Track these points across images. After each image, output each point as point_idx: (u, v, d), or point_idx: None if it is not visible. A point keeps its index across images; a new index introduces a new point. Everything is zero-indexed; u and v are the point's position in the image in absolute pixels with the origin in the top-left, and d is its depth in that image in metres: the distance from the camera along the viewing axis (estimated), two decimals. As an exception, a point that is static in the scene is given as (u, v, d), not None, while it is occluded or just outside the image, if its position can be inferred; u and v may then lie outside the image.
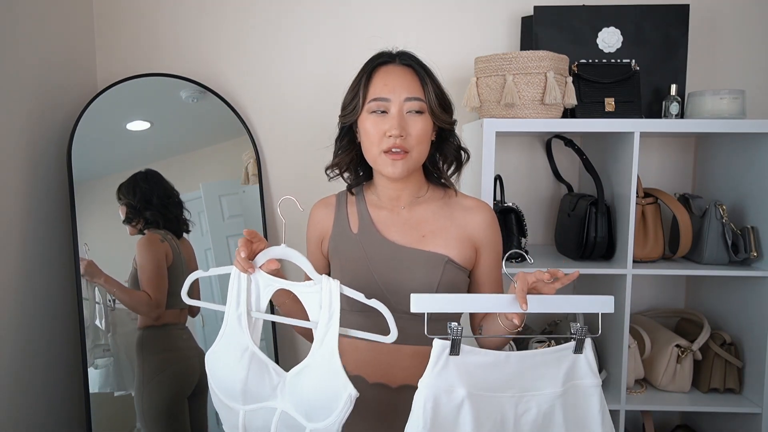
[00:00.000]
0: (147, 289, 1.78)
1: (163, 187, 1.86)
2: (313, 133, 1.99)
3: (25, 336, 1.61)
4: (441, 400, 0.91)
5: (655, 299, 2.05)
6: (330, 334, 0.98)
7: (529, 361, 0.95)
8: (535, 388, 0.95)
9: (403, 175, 1.12)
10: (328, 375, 0.96)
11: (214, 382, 1.07)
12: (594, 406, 0.96)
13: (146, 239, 1.81)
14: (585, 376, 0.97)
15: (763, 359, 1.64)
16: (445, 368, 0.91)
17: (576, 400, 0.97)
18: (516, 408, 0.95)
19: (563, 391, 0.95)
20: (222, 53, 2.01)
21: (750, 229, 1.66)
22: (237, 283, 1.05)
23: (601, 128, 1.62)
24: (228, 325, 1.05)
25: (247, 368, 1.02)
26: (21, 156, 1.61)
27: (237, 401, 1.05)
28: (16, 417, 1.57)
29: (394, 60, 1.15)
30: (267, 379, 1.03)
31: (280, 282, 1.05)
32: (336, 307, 0.98)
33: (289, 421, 1.03)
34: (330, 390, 0.96)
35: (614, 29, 1.80)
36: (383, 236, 1.16)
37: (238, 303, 1.05)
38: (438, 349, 0.91)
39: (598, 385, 0.97)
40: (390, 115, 1.10)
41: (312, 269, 1.03)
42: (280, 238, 1.05)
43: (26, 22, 1.62)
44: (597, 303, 0.97)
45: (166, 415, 1.80)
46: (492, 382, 0.94)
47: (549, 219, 2.04)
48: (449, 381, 0.91)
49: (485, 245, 1.18)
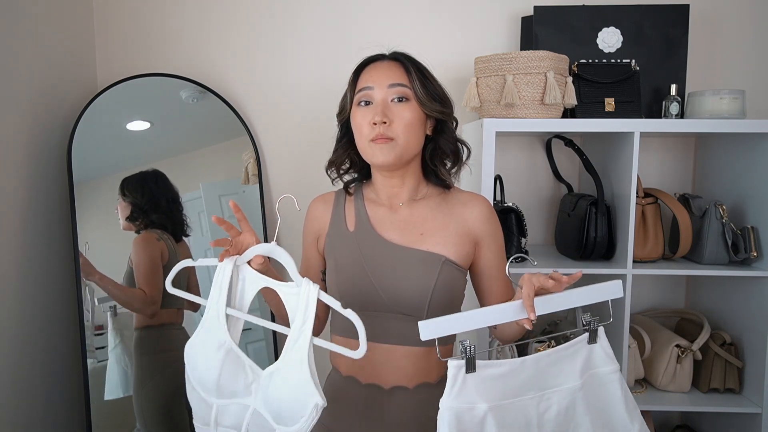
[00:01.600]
0: (142, 286, 1.77)
1: (171, 190, 1.86)
2: (313, 133, 1.99)
3: (24, 336, 1.61)
4: (464, 419, 0.91)
5: (655, 299, 2.05)
6: (302, 340, 0.97)
7: (545, 360, 0.95)
8: (555, 384, 0.95)
9: (392, 162, 1.11)
10: (296, 382, 0.96)
11: (191, 372, 1.07)
12: (615, 392, 0.97)
13: (142, 237, 1.81)
14: (602, 364, 0.97)
15: (763, 359, 1.64)
16: (464, 387, 0.91)
17: (596, 388, 0.97)
18: (538, 407, 0.95)
19: (582, 383, 0.95)
20: (222, 53, 2.01)
21: (750, 229, 1.66)
22: (221, 276, 1.05)
23: (601, 128, 1.62)
24: (208, 318, 1.05)
25: (221, 363, 1.02)
26: (21, 156, 1.61)
27: (211, 394, 1.05)
28: (16, 417, 1.57)
29: (384, 57, 1.16)
30: (241, 376, 1.03)
31: (265, 280, 1.04)
32: (311, 313, 0.97)
33: (260, 420, 1.02)
34: (298, 397, 0.95)
35: (614, 29, 1.80)
36: (380, 235, 1.16)
37: (219, 297, 1.04)
38: (454, 370, 0.91)
39: (616, 371, 0.97)
40: (374, 104, 1.11)
41: (295, 270, 1.02)
42: (274, 234, 1.05)
43: (26, 22, 1.62)
44: (605, 290, 0.97)
45: (165, 415, 1.80)
46: (511, 389, 0.94)
47: (549, 219, 2.04)
48: (469, 399, 0.91)
49: (485, 237, 1.17)
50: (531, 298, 0.93)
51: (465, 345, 0.91)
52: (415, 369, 1.13)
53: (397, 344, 1.12)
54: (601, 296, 0.98)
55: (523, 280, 0.96)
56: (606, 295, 0.97)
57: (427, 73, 1.15)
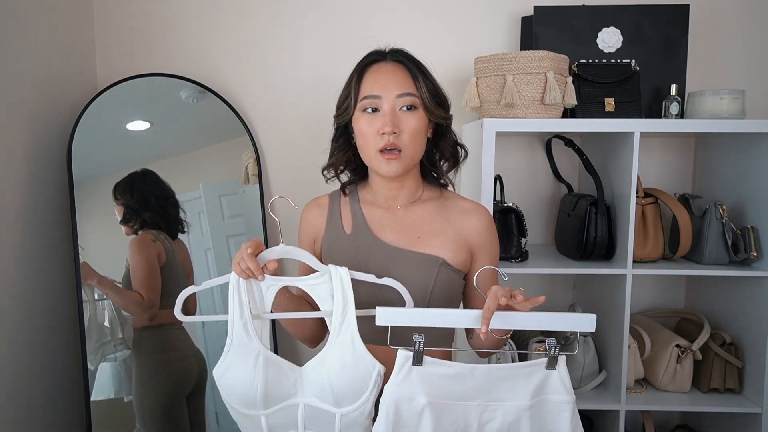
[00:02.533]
0: (140, 289, 1.77)
1: (161, 188, 1.85)
2: (313, 132, 1.99)
3: (24, 337, 1.61)
4: (402, 407, 0.95)
5: (655, 299, 2.05)
6: (347, 320, 0.99)
7: (496, 374, 0.95)
8: (502, 399, 0.96)
9: (399, 174, 1.11)
10: (353, 359, 0.98)
11: (229, 397, 1.05)
12: (564, 422, 0.97)
13: (137, 240, 1.80)
14: (556, 392, 0.96)
15: (763, 359, 1.64)
16: (408, 377, 0.95)
17: (545, 414, 0.97)
18: (480, 417, 0.97)
19: (531, 404, 0.96)
20: (222, 53, 2.01)
21: (750, 229, 1.66)
22: (237, 290, 1.02)
23: (601, 128, 1.62)
24: (234, 336, 1.02)
25: (264, 373, 1.01)
26: (21, 156, 1.61)
27: (257, 408, 1.03)
28: (16, 417, 1.57)
29: (385, 57, 1.14)
30: (284, 378, 1.03)
31: (284, 280, 1.04)
32: (349, 294, 0.99)
33: (315, 412, 1.03)
34: (358, 373, 0.98)
35: (614, 29, 1.80)
36: (377, 237, 1.15)
37: (242, 310, 1.02)
38: (401, 359, 0.95)
39: (570, 402, 0.96)
40: (382, 113, 1.09)
41: (316, 261, 1.04)
42: (278, 238, 1.05)
43: (26, 22, 1.62)
44: (578, 321, 0.95)
45: (165, 416, 1.80)
46: (456, 391, 0.96)
47: (549, 219, 2.04)
48: (411, 389, 0.95)
49: (481, 249, 1.16)
50: (491, 311, 0.92)
51: (416, 338, 0.93)
52: None
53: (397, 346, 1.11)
54: (571, 326, 0.96)
55: (489, 291, 0.95)
56: (576, 326, 0.95)
57: (431, 77, 1.14)
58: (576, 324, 0.95)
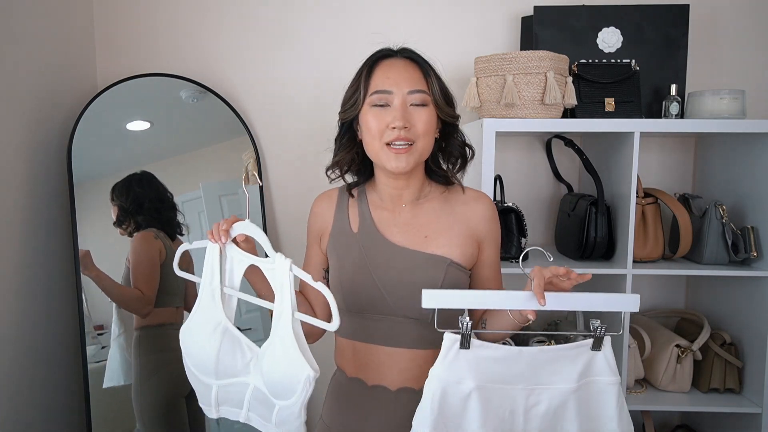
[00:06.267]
0: (140, 285, 1.77)
1: (156, 191, 1.85)
2: (314, 132, 1.99)
3: (24, 335, 1.61)
4: (449, 391, 0.93)
5: (655, 299, 2.05)
6: (284, 316, 0.98)
7: (542, 356, 0.94)
8: (548, 382, 0.95)
9: (408, 169, 1.09)
10: (285, 358, 0.97)
11: (188, 358, 1.08)
12: (610, 403, 0.96)
13: (141, 236, 1.81)
14: (602, 373, 0.96)
15: (763, 359, 1.64)
16: (455, 361, 0.93)
17: (591, 396, 0.96)
18: (527, 400, 0.95)
19: (577, 387, 0.95)
20: (222, 53, 2.01)
21: (750, 229, 1.66)
22: (211, 257, 1.06)
23: (601, 128, 1.62)
24: (202, 299, 1.06)
25: (219, 343, 1.03)
26: (21, 156, 1.61)
27: (210, 376, 1.05)
28: (17, 415, 1.57)
29: (396, 54, 1.14)
30: (239, 355, 1.03)
31: (250, 258, 1.06)
32: (287, 289, 0.98)
33: (261, 396, 1.03)
34: (288, 372, 0.96)
35: (614, 29, 1.80)
36: (384, 237, 1.14)
37: (212, 277, 1.05)
38: (448, 342, 0.93)
39: (615, 383, 0.96)
40: (392, 108, 1.08)
41: (269, 245, 1.03)
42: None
43: (26, 22, 1.62)
44: (623, 301, 0.96)
45: (164, 415, 1.80)
46: (503, 375, 0.94)
47: (549, 219, 2.04)
48: (458, 373, 0.93)
49: (487, 238, 1.16)
50: (542, 288, 0.93)
51: (463, 321, 0.91)
52: (422, 371, 1.11)
53: (404, 347, 1.11)
54: (617, 306, 0.96)
55: (533, 272, 0.95)
56: (622, 306, 0.96)
57: (440, 75, 1.14)
58: (621, 304, 0.96)
